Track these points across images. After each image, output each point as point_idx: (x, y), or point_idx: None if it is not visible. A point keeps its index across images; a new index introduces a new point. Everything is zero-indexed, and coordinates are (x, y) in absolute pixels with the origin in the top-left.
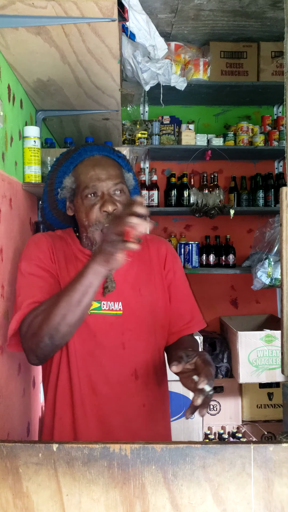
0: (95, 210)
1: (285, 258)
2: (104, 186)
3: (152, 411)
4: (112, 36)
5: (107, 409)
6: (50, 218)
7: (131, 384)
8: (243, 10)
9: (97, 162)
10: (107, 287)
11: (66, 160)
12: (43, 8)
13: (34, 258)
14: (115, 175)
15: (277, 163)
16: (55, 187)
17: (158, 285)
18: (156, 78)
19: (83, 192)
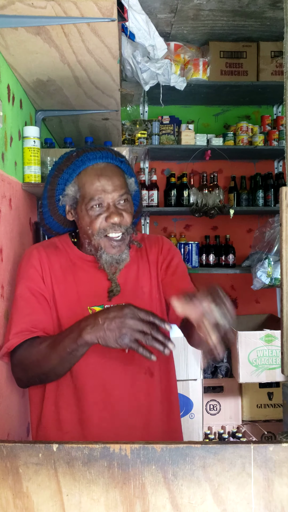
0: (100, 219)
1: (285, 258)
2: (110, 197)
3: (169, 406)
4: (112, 36)
5: (123, 412)
6: (50, 223)
7: (146, 383)
8: (242, 10)
9: (102, 171)
10: (112, 290)
11: (67, 167)
12: (42, 8)
13: (26, 280)
14: (120, 186)
15: (277, 163)
16: (56, 194)
17: (156, 280)
18: (155, 78)
19: (88, 203)
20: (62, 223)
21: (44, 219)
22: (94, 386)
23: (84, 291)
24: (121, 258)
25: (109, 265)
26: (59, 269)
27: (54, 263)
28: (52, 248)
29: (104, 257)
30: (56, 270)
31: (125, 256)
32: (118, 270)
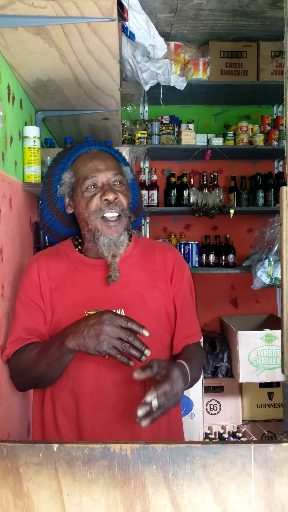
0: (95, 199)
1: (285, 258)
2: (104, 176)
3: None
4: (112, 36)
5: (118, 419)
6: (50, 220)
7: (140, 391)
8: (242, 10)
9: (95, 155)
10: (110, 276)
11: (63, 157)
12: (42, 8)
13: (21, 291)
14: (113, 166)
15: (277, 163)
16: (53, 185)
17: (164, 292)
18: (155, 78)
19: (83, 184)
20: (61, 221)
21: (44, 216)
22: (91, 391)
23: (82, 295)
24: (119, 240)
25: (107, 248)
26: (58, 275)
27: (53, 270)
28: (54, 255)
29: (102, 240)
30: (55, 276)
31: (123, 238)
32: (118, 255)
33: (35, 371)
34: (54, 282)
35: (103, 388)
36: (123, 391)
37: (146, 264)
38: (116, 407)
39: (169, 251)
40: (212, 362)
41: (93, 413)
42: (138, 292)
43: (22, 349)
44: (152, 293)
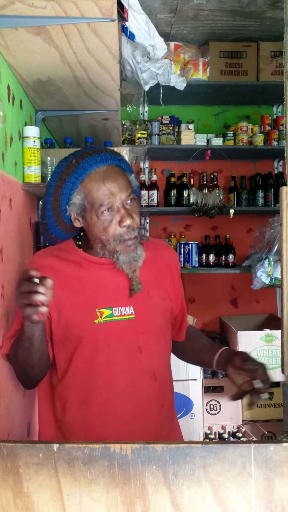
0: (113, 225)
1: (285, 258)
2: (118, 199)
3: (169, 410)
4: (112, 36)
5: (128, 415)
6: (56, 232)
7: (150, 387)
8: (242, 10)
9: (106, 174)
10: (133, 289)
11: (69, 176)
12: (42, 8)
13: None
14: (125, 185)
15: (277, 163)
16: (61, 204)
17: (167, 288)
18: (155, 78)
19: (98, 209)
20: (67, 232)
21: (49, 229)
22: (100, 388)
23: (91, 293)
24: (137, 255)
25: (128, 266)
26: (63, 274)
27: (58, 268)
28: (56, 254)
29: (122, 258)
30: (60, 275)
31: (140, 251)
32: (137, 268)
33: (19, 364)
34: (59, 281)
35: (114, 384)
36: (133, 387)
37: (149, 262)
38: (126, 403)
39: (170, 252)
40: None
41: (103, 409)
42: (145, 289)
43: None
44: (157, 290)
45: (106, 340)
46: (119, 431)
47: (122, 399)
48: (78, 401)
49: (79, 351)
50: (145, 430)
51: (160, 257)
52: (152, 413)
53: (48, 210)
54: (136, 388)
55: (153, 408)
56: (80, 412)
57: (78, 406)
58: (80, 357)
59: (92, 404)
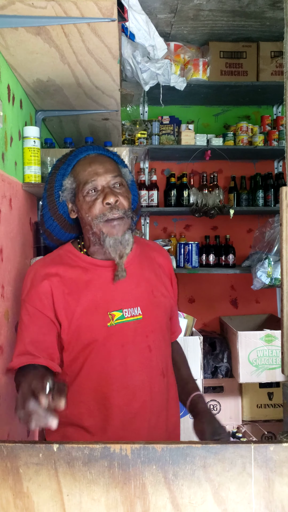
0: (97, 203)
1: (285, 258)
2: (103, 179)
3: (174, 405)
4: (112, 36)
5: (145, 414)
6: (51, 225)
7: (161, 384)
8: (242, 10)
9: (93, 159)
10: (117, 275)
11: (63, 163)
12: (42, 8)
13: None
14: (112, 169)
15: (277, 163)
16: (55, 191)
17: (167, 288)
18: (155, 78)
19: (83, 188)
20: (63, 226)
21: (45, 221)
22: (118, 389)
23: (101, 297)
24: (124, 239)
25: (114, 249)
26: (70, 280)
27: (64, 275)
28: (58, 261)
29: (108, 241)
30: (67, 281)
31: (128, 236)
32: (124, 254)
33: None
34: (66, 287)
35: (131, 384)
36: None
37: (148, 262)
38: (143, 401)
39: (163, 251)
40: (212, 363)
41: (123, 409)
42: (149, 288)
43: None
44: (159, 289)
45: (120, 341)
46: (138, 429)
47: (139, 398)
48: (96, 404)
49: (93, 355)
50: (160, 427)
51: (157, 257)
52: (164, 409)
53: (44, 199)
54: (150, 386)
55: (164, 404)
56: (100, 414)
57: (97, 409)
58: (95, 360)
59: (112, 406)
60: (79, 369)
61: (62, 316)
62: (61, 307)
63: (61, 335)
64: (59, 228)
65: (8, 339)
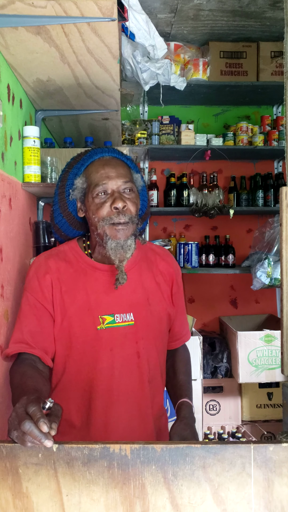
0: (105, 206)
1: (284, 258)
2: (114, 183)
3: (160, 410)
4: (112, 35)
5: (127, 416)
6: (60, 221)
7: (146, 390)
8: (242, 10)
9: (107, 162)
10: (117, 279)
11: (77, 162)
12: (42, 8)
13: (29, 291)
14: (124, 174)
15: (277, 163)
16: (66, 189)
17: (165, 296)
18: (155, 78)
19: (93, 190)
20: (71, 223)
21: (55, 217)
22: (102, 391)
23: (94, 300)
24: (127, 244)
25: (114, 252)
26: (69, 278)
27: (64, 272)
28: (62, 257)
29: (110, 244)
30: (66, 279)
31: (130, 242)
32: (125, 258)
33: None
34: (64, 285)
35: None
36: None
37: (149, 268)
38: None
39: (168, 257)
40: (211, 363)
41: (105, 411)
42: (145, 295)
43: (19, 362)
44: (155, 297)
45: (108, 345)
46: (119, 430)
47: (122, 401)
48: (81, 403)
49: (80, 356)
50: (143, 429)
51: (160, 263)
52: (148, 413)
53: (56, 196)
54: (134, 391)
55: (148, 409)
56: (84, 414)
57: (82, 408)
58: (82, 361)
59: (95, 406)
60: (64, 367)
61: (57, 312)
62: (57, 303)
63: (54, 330)
64: (67, 224)
65: (7, 339)
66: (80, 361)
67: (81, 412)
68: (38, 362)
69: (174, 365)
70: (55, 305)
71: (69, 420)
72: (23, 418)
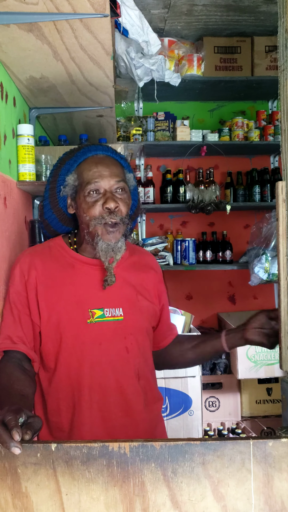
0: (97, 206)
1: (281, 253)
2: (107, 183)
3: (151, 410)
4: (105, 32)
5: (116, 413)
6: (49, 217)
7: (135, 386)
8: (236, 5)
9: (100, 160)
10: (106, 280)
11: (70, 159)
12: (34, 5)
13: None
14: (117, 173)
15: (273, 158)
16: (57, 185)
17: (151, 293)
18: (150, 74)
19: (85, 188)
20: (61, 219)
21: (44, 212)
22: (90, 387)
23: (83, 294)
24: (117, 246)
25: (105, 253)
26: (55, 273)
27: (49, 268)
28: (47, 253)
29: (100, 245)
30: (51, 274)
31: (121, 244)
32: (115, 260)
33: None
34: (50, 280)
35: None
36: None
37: (136, 267)
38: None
39: (151, 256)
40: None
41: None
42: (134, 292)
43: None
44: (143, 294)
45: (98, 339)
46: (108, 428)
47: (110, 397)
48: (69, 400)
49: (70, 350)
50: (133, 426)
51: (144, 262)
52: (138, 410)
53: (46, 191)
54: (124, 386)
55: (139, 406)
56: (71, 411)
57: (70, 405)
58: (71, 356)
59: (82, 402)
60: (55, 364)
61: (43, 309)
62: (43, 299)
63: (40, 327)
64: (57, 220)
65: None
66: (70, 357)
67: (68, 412)
68: (24, 360)
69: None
70: (40, 301)
71: (55, 422)
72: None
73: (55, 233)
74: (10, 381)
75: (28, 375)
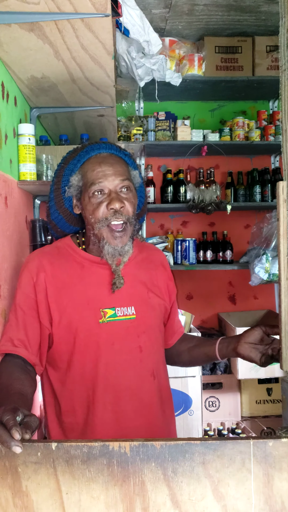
0: (102, 207)
1: (282, 253)
2: (111, 182)
3: (166, 409)
4: (106, 31)
5: (130, 413)
6: (56, 218)
7: (151, 385)
8: (237, 5)
9: (104, 159)
10: (115, 283)
11: (73, 158)
12: (35, 4)
13: (19, 289)
14: (121, 172)
15: (274, 158)
16: (62, 185)
17: (162, 290)
18: (150, 74)
19: (89, 189)
20: (68, 219)
21: (51, 213)
22: (105, 387)
23: (94, 293)
24: (124, 250)
25: (111, 257)
26: (65, 274)
27: (58, 268)
28: (55, 254)
29: (107, 249)
30: (61, 275)
31: (128, 248)
32: (122, 262)
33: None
34: (60, 281)
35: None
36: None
37: (146, 264)
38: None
39: (159, 252)
40: None
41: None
42: (144, 290)
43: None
44: (154, 291)
45: (110, 339)
46: (123, 429)
47: (125, 397)
48: (83, 400)
49: (83, 351)
50: (148, 427)
51: (153, 258)
52: (154, 410)
53: (51, 192)
54: (138, 386)
55: (154, 406)
56: (85, 411)
57: (84, 405)
58: (85, 357)
59: (97, 403)
60: (68, 365)
61: (54, 310)
62: (54, 301)
63: (52, 329)
64: (64, 221)
65: None
66: (83, 357)
67: (85, 410)
68: (27, 362)
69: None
70: (50, 303)
71: (70, 422)
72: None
73: (63, 234)
74: (10, 380)
75: (29, 375)
